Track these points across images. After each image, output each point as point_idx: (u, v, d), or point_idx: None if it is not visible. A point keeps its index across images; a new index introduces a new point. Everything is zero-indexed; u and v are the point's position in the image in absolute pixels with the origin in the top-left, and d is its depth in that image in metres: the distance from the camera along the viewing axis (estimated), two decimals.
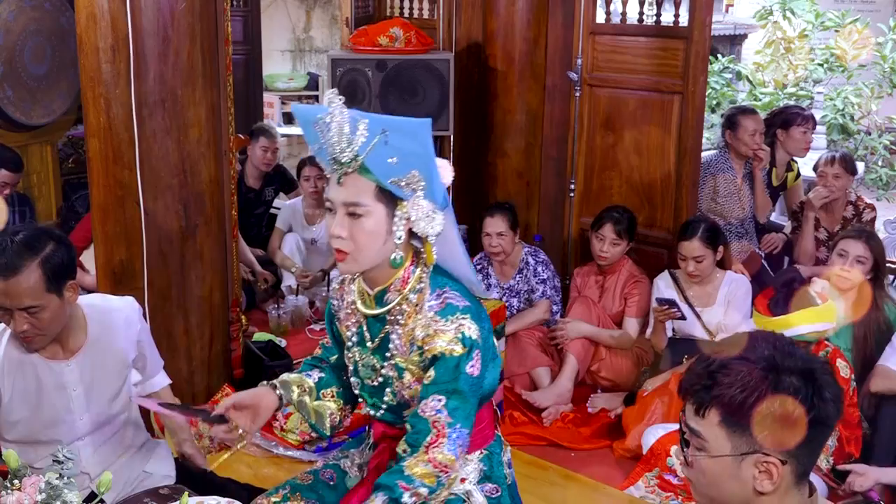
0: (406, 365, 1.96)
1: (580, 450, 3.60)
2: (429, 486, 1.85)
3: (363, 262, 1.91)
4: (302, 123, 1.96)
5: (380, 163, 1.83)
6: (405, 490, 1.84)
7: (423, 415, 1.88)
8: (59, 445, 2.20)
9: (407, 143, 1.81)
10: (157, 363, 2.61)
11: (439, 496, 1.91)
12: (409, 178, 1.84)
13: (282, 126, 9.39)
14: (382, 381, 2.01)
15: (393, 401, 2.01)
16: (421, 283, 1.95)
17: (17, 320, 2.12)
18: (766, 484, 1.41)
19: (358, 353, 2.05)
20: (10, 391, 2.23)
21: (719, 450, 1.42)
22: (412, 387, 1.96)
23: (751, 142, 4.37)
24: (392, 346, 1.97)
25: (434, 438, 1.87)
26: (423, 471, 1.86)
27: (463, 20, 4.61)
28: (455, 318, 1.89)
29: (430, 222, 1.88)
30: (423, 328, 1.91)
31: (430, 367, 1.89)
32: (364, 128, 1.81)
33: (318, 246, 5.24)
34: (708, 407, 1.42)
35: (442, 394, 1.87)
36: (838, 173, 4.41)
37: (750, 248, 4.50)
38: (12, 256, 2.07)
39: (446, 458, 1.86)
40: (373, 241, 1.88)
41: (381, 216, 1.88)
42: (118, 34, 3.12)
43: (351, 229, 1.87)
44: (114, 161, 3.23)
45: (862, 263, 3.46)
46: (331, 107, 1.83)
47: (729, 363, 1.41)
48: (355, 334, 2.05)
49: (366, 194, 1.86)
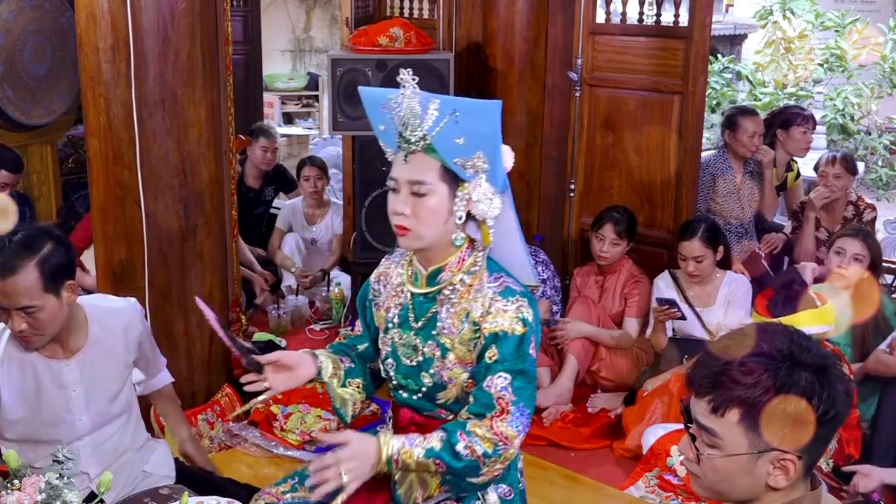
0: (452, 345, 2.00)
1: (580, 450, 3.60)
2: (484, 449, 1.90)
3: (424, 239, 1.96)
4: (368, 104, 2.03)
5: (447, 142, 1.89)
6: (462, 440, 1.90)
7: (488, 390, 1.93)
8: (59, 445, 2.20)
9: (476, 124, 1.88)
10: (160, 362, 2.61)
11: (492, 466, 1.93)
12: (474, 159, 1.91)
13: (281, 126, 9.41)
14: (422, 360, 2.04)
15: (430, 382, 2.04)
16: (475, 266, 2.00)
17: (15, 320, 2.12)
18: (781, 480, 1.40)
19: (398, 334, 2.08)
20: (9, 390, 2.22)
21: (736, 448, 1.40)
22: (453, 368, 2.00)
23: (749, 143, 4.37)
24: (440, 324, 2.01)
25: (498, 413, 1.92)
26: (484, 434, 1.91)
27: (463, 20, 4.61)
28: (515, 299, 1.95)
29: (489, 205, 1.94)
30: (481, 306, 1.96)
31: (492, 346, 1.94)
32: (434, 108, 1.88)
33: (318, 246, 5.24)
34: (728, 407, 1.39)
35: (508, 372, 1.93)
36: (839, 173, 4.41)
37: (750, 248, 4.50)
38: (10, 256, 2.07)
39: (508, 430, 1.91)
40: (434, 218, 1.94)
41: (443, 195, 1.93)
42: (118, 34, 3.12)
43: (414, 207, 1.93)
44: (114, 161, 3.23)
45: (859, 262, 3.45)
46: (403, 87, 1.90)
47: (747, 361, 1.39)
48: (397, 315, 2.08)
49: (431, 173, 1.92)
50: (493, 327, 1.94)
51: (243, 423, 3.60)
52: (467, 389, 2.02)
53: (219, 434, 3.49)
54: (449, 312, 2.00)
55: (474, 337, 1.97)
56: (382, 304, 2.13)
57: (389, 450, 1.91)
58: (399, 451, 1.91)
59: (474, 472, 1.92)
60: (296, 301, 4.83)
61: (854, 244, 3.47)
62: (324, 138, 8.62)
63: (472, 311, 1.97)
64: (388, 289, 2.12)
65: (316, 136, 9.33)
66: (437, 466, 1.91)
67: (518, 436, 1.94)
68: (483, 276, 1.99)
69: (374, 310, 2.16)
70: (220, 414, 3.58)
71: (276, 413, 3.58)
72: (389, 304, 2.11)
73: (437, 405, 2.07)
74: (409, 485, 1.99)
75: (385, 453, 1.90)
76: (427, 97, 1.90)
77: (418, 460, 1.90)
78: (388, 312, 2.11)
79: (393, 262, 2.16)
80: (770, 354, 1.39)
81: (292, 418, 3.54)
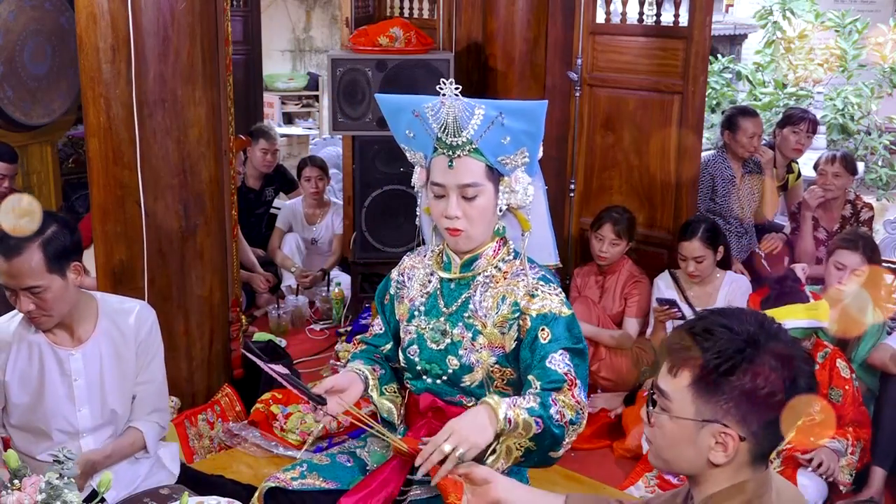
0: (483, 327, 2.06)
1: (580, 450, 3.60)
2: (570, 416, 1.96)
3: (477, 237, 2.06)
4: (389, 111, 2.09)
5: (493, 144, 1.97)
6: (554, 404, 1.94)
7: (554, 367, 2.00)
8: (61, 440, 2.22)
9: (521, 124, 1.96)
10: (160, 400, 2.49)
11: (571, 436, 1.98)
12: (516, 155, 1.99)
13: (282, 126, 9.41)
14: (450, 344, 2.10)
15: (457, 364, 2.09)
16: (508, 255, 2.11)
17: (23, 300, 2.19)
18: (720, 456, 1.41)
19: (424, 321, 2.14)
20: (13, 371, 2.28)
21: (682, 412, 1.43)
22: (481, 351, 2.07)
23: (748, 144, 4.37)
24: (472, 307, 2.09)
25: (570, 385, 1.99)
26: (567, 401, 1.97)
27: (463, 20, 4.61)
28: (554, 286, 2.07)
29: (526, 193, 2.05)
30: (524, 289, 2.04)
31: (543, 327, 2.01)
32: (480, 112, 1.94)
33: (318, 246, 5.24)
34: (681, 367, 1.42)
35: (567, 350, 2.01)
36: (838, 172, 4.40)
37: (750, 248, 4.50)
38: (15, 238, 2.14)
39: (582, 399, 2.00)
40: (486, 217, 2.04)
41: (491, 193, 2.03)
42: (118, 34, 3.12)
43: (465, 209, 2.01)
44: (114, 161, 3.23)
45: (859, 276, 3.38)
46: (444, 93, 1.94)
47: (713, 329, 1.42)
48: (424, 303, 2.15)
49: (478, 174, 2.00)
50: (542, 309, 2.02)
51: (243, 423, 3.60)
52: (492, 374, 2.08)
53: (219, 434, 3.49)
54: (484, 296, 2.08)
55: (512, 318, 2.04)
56: (406, 295, 2.20)
57: (503, 409, 1.89)
58: (510, 410, 1.90)
59: (560, 440, 1.96)
60: (296, 301, 4.83)
61: (853, 258, 3.37)
62: (324, 138, 8.61)
63: (514, 294, 2.04)
64: (415, 280, 2.19)
65: (316, 136, 9.33)
66: (537, 426, 1.92)
67: (586, 405, 2.01)
68: (522, 262, 2.08)
69: (397, 302, 2.23)
70: (221, 414, 3.58)
71: (276, 413, 3.58)
72: (415, 295, 2.17)
73: (459, 390, 2.12)
74: (497, 455, 1.94)
75: (501, 412, 1.88)
76: (471, 104, 1.96)
77: (525, 419, 1.91)
78: (412, 302, 2.17)
79: (418, 256, 2.24)
80: (737, 331, 1.41)
81: (292, 418, 3.53)
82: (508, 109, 1.96)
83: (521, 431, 1.91)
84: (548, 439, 1.94)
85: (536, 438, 1.92)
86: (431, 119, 1.99)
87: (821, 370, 3.13)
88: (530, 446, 1.94)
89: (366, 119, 4.11)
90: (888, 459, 3.18)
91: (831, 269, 3.42)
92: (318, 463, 2.20)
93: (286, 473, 2.15)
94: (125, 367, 2.39)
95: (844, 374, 3.13)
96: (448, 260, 2.14)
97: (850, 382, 3.12)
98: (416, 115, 2.00)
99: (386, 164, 4.20)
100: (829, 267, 3.43)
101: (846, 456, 3.03)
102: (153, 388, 2.46)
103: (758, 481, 1.44)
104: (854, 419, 3.11)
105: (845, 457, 3.03)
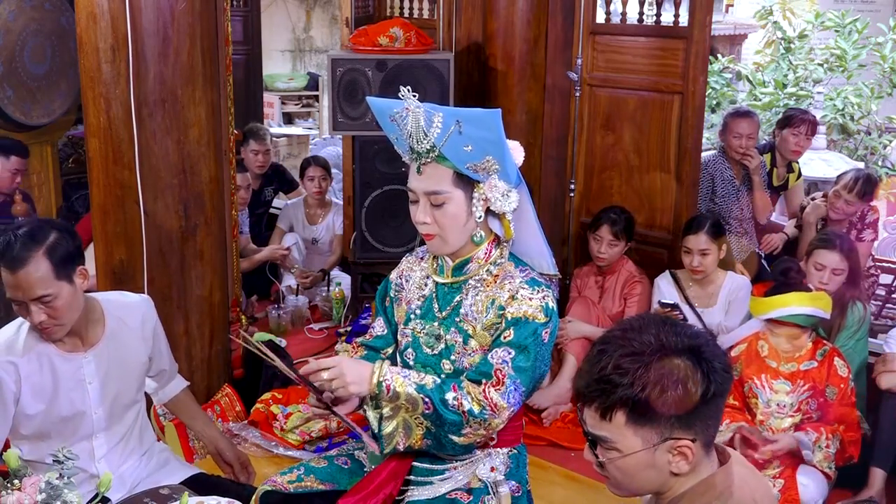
0: (474, 332, 2.07)
1: (580, 450, 3.54)
2: (471, 407, 1.97)
3: (451, 242, 2.07)
4: (378, 114, 2.10)
5: (456, 151, 1.97)
6: (453, 391, 1.98)
7: (490, 360, 2.01)
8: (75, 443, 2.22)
9: (479, 132, 1.96)
10: (173, 366, 2.64)
11: (475, 429, 1.99)
12: (484, 162, 1.99)
13: (282, 126, 9.42)
14: (444, 349, 2.11)
15: (451, 369, 2.10)
16: (501, 258, 2.11)
17: (34, 312, 2.17)
18: (683, 465, 1.44)
19: (420, 325, 2.16)
20: (26, 385, 2.26)
21: (631, 447, 1.44)
22: (473, 355, 2.07)
23: (736, 145, 4.37)
24: (463, 311, 2.09)
25: (494, 383, 1.99)
26: (475, 394, 1.98)
27: (463, 20, 4.61)
28: (541, 289, 2.04)
29: (506, 200, 2.03)
30: (509, 292, 2.03)
31: (510, 328, 2.01)
32: (439, 120, 1.95)
33: (319, 246, 5.24)
34: (613, 410, 1.43)
35: (513, 348, 2.00)
36: (851, 201, 4.31)
37: (750, 249, 4.50)
38: (18, 249, 2.12)
39: (499, 400, 1.98)
40: (456, 223, 2.04)
41: (460, 200, 2.03)
42: (118, 34, 3.12)
43: (434, 215, 2.04)
44: (114, 161, 3.23)
45: (838, 275, 3.38)
46: (406, 101, 1.97)
47: (620, 363, 1.42)
48: (420, 307, 2.17)
49: (445, 181, 2.01)
50: (516, 312, 2.01)
51: (243, 423, 3.60)
52: None
53: None
54: (474, 300, 2.08)
55: (496, 322, 2.04)
56: (405, 297, 2.21)
57: (381, 374, 1.98)
58: (392, 377, 1.98)
59: (457, 428, 1.97)
60: (296, 301, 4.83)
61: (832, 257, 3.37)
62: (324, 138, 8.62)
63: (499, 298, 2.04)
64: (412, 283, 2.21)
65: (316, 136, 9.33)
66: (424, 406, 1.97)
67: (508, 409, 1.99)
68: (510, 267, 2.08)
69: (396, 305, 2.25)
70: (221, 414, 3.58)
71: (276, 413, 3.58)
72: (412, 297, 2.19)
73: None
74: (395, 425, 2.01)
75: (376, 377, 1.98)
76: (430, 111, 1.96)
77: (409, 393, 1.97)
78: (409, 305, 2.19)
79: (416, 258, 2.25)
80: (640, 351, 1.42)
81: (292, 418, 3.53)
82: (465, 117, 1.96)
83: (404, 404, 1.98)
84: (445, 424, 1.97)
85: (430, 419, 1.97)
86: (400, 125, 2.01)
87: (819, 367, 3.13)
88: (428, 426, 1.99)
89: (366, 119, 4.10)
90: (888, 459, 3.18)
91: (811, 270, 3.41)
92: (316, 465, 2.21)
93: (283, 477, 2.16)
94: (133, 362, 2.41)
95: (842, 372, 3.12)
96: (441, 264, 2.15)
97: (845, 381, 3.11)
98: (393, 120, 2.03)
99: (386, 164, 4.20)
100: (809, 268, 3.42)
101: (822, 450, 3.01)
102: (167, 358, 2.58)
103: (723, 474, 1.48)
104: (837, 417, 3.09)
105: (822, 450, 3.01)
